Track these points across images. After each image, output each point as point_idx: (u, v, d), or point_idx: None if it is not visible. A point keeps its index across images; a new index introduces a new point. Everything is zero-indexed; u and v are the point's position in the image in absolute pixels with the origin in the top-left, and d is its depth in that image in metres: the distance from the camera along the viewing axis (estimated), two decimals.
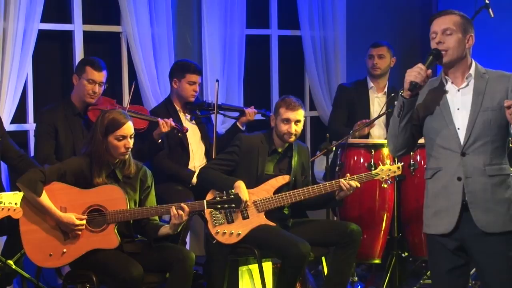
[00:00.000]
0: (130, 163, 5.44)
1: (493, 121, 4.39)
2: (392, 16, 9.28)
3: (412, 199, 6.85)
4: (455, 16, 4.45)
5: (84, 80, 6.36)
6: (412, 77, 4.33)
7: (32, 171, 5.27)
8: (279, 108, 6.09)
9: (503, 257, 4.42)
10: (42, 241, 5.23)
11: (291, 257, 5.88)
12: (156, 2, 7.46)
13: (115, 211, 5.28)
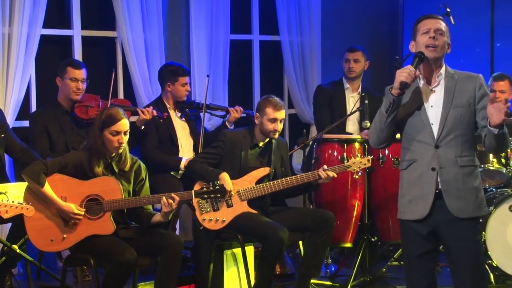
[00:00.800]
0: (126, 158, 5.44)
1: (463, 117, 4.42)
2: (363, 23, 9.28)
3: (380, 189, 6.88)
4: (443, 22, 4.51)
5: (67, 79, 6.37)
6: (403, 78, 4.34)
7: (36, 163, 5.26)
8: (266, 108, 6.10)
9: (472, 241, 4.46)
10: (44, 227, 5.21)
11: (271, 242, 5.89)
12: (148, 10, 7.45)
13: (111, 201, 5.28)
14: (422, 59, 4.42)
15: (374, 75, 8.73)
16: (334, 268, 7.14)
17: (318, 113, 7.68)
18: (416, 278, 4.57)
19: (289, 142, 7.47)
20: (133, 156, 5.57)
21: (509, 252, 6.65)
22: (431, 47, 4.42)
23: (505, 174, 7.00)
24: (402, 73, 4.36)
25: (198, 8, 7.85)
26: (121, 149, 5.38)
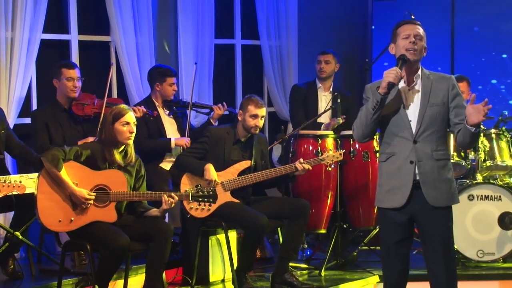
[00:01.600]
0: (130, 153, 5.44)
1: (438, 115, 4.47)
2: (335, 29, 9.29)
3: (352, 180, 6.91)
4: (421, 27, 4.54)
5: (64, 80, 6.36)
6: (391, 78, 4.35)
7: (55, 149, 5.25)
8: (248, 106, 6.10)
9: (445, 227, 4.52)
10: (54, 208, 5.20)
11: (252, 228, 5.91)
12: (140, 16, 7.44)
13: (118, 192, 5.28)
14: (406, 61, 4.44)
15: (345, 76, 8.75)
16: (309, 252, 7.15)
17: (293, 110, 7.70)
18: (393, 263, 4.61)
19: (268, 138, 7.48)
20: (136, 155, 5.57)
21: (468, 237, 6.70)
22: (411, 50, 4.45)
23: (464, 167, 7.04)
24: (390, 74, 4.37)
25: (185, 14, 7.84)
26: (131, 139, 5.38)
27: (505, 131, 7.06)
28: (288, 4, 8.68)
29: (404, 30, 4.50)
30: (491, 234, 6.73)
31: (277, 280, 6.14)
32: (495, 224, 6.72)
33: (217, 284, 6.38)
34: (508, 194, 6.74)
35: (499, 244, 6.73)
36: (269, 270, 6.45)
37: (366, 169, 6.92)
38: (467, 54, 9.07)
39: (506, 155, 6.97)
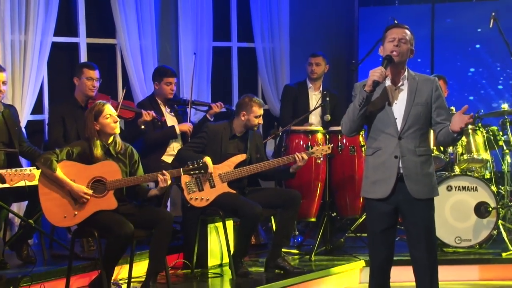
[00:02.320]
0: (118, 142, 5.43)
1: (422, 114, 4.47)
2: (325, 32, 9.27)
3: (339, 172, 6.91)
4: (408, 31, 4.52)
5: (84, 79, 6.35)
6: (376, 77, 4.34)
7: (47, 153, 5.22)
8: (252, 107, 6.10)
9: (427, 217, 4.53)
10: (57, 206, 5.19)
11: (248, 217, 5.90)
12: (143, 21, 7.43)
13: (113, 181, 5.27)
14: (391, 61, 4.43)
15: (333, 76, 8.74)
16: (300, 239, 7.15)
17: (283, 109, 7.71)
18: (378, 250, 4.62)
19: (263, 133, 7.48)
20: (125, 143, 5.56)
21: (446, 224, 6.71)
22: (395, 53, 4.44)
23: (443, 160, 7.05)
24: (375, 73, 4.36)
25: (185, 19, 7.83)
26: (117, 128, 5.36)
27: (481, 127, 7.08)
28: (281, 10, 8.67)
29: (391, 34, 4.49)
30: (468, 222, 6.74)
31: (270, 264, 6.14)
32: (472, 213, 6.73)
33: (215, 268, 6.38)
34: (483, 185, 6.74)
35: (475, 231, 6.74)
36: (263, 255, 6.45)
37: (352, 162, 6.93)
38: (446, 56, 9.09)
39: (481, 149, 6.99)
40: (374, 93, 4.45)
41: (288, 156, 6.11)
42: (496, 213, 6.72)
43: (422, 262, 4.54)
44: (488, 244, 6.83)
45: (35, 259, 5.96)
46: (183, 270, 6.29)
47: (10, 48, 6.44)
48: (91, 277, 5.55)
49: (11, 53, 6.45)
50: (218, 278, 6.17)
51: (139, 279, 5.74)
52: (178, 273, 6.24)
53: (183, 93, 7.65)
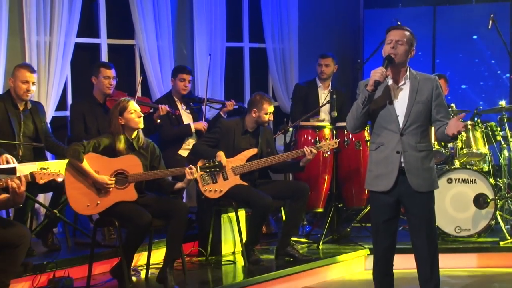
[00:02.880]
0: (141, 137, 5.44)
1: (423, 111, 4.46)
2: (332, 33, 9.27)
3: (345, 165, 6.92)
4: (407, 32, 4.49)
5: (101, 77, 6.38)
6: (377, 77, 4.33)
7: (76, 144, 5.24)
8: (263, 105, 6.10)
9: (428, 208, 4.53)
10: (81, 195, 5.22)
11: (259, 208, 5.91)
12: (160, 22, 7.43)
13: (135, 174, 5.28)
14: (391, 62, 4.42)
15: (340, 75, 8.72)
16: (308, 228, 7.16)
17: (293, 107, 7.70)
18: (381, 239, 4.62)
19: (273, 129, 7.49)
20: (147, 139, 5.57)
21: (446, 215, 6.71)
22: (392, 54, 4.43)
23: (444, 154, 7.04)
24: (376, 73, 4.35)
25: (200, 21, 7.83)
26: (141, 123, 5.37)
27: (480, 123, 7.08)
28: (290, 12, 8.67)
29: (389, 36, 4.48)
30: (467, 212, 6.73)
31: (280, 252, 6.15)
32: (471, 204, 6.72)
33: (228, 256, 6.39)
34: (482, 178, 6.73)
35: (474, 221, 6.73)
36: (274, 244, 6.46)
37: (358, 156, 6.93)
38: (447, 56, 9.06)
39: (480, 144, 6.97)
40: (377, 92, 4.44)
41: (297, 150, 6.11)
42: (494, 204, 6.71)
43: (423, 251, 4.54)
44: (487, 233, 6.82)
45: (60, 246, 6.01)
46: (198, 257, 6.31)
47: (36, 49, 6.46)
48: (112, 264, 5.55)
49: (37, 54, 6.47)
50: (231, 265, 6.18)
51: (157, 266, 5.77)
52: (193, 260, 6.26)
53: (198, 91, 7.65)
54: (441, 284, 4.65)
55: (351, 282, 6.24)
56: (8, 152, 5.57)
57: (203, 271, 6.01)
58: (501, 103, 7.22)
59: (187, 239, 6.21)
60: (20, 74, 5.74)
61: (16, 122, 5.77)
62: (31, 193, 5.46)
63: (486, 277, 6.33)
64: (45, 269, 5.48)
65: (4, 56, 6.25)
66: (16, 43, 6.44)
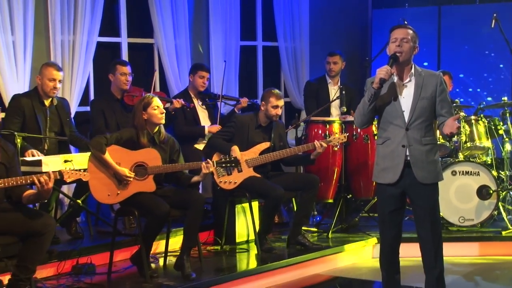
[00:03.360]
0: (162, 132, 5.44)
1: (427, 107, 4.43)
2: (341, 32, 9.26)
3: (354, 158, 6.91)
4: (410, 30, 4.46)
5: (118, 74, 6.40)
6: (382, 75, 4.31)
7: (99, 137, 5.26)
8: (270, 98, 6.08)
9: (432, 199, 4.51)
10: (103, 185, 5.23)
11: (271, 198, 5.92)
12: (178, 22, 7.44)
13: (154, 166, 5.29)
14: (396, 60, 4.40)
15: (348, 72, 8.71)
16: (319, 218, 7.16)
17: (307, 103, 7.68)
18: (387, 229, 4.60)
19: (285, 123, 7.48)
20: (168, 134, 5.58)
21: (450, 206, 6.70)
22: (398, 52, 4.41)
23: (449, 147, 7.02)
24: (381, 71, 4.33)
25: (215, 20, 7.83)
26: (163, 119, 5.38)
27: (483, 118, 7.05)
28: (301, 12, 8.66)
29: (393, 35, 4.46)
30: (470, 203, 6.72)
31: (292, 241, 6.16)
32: (474, 195, 6.70)
33: (242, 244, 6.40)
34: (485, 170, 6.71)
35: (477, 211, 6.71)
36: (285, 233, 6.46)
37: (366, 150, 6.91)
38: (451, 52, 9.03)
39: (483, 137, 6.95)
40: (384, 89, 4.43)
41: (308, 144, 6.11)
42: (497, 196, 6.69)
43: (427, 240, 4.53)
44: (489, 223, 6.81)
45: (83, 235, 6.04)
46: (214, 245, 6.33)
47: (60, 48, 6.48)
48: (132, 251, 5.58)
49: (61, 52, 6.49)
50: (245, 253, 6.19)
51: (175, 253, 5.79)
52: (209, 248, 6.27)
53: (214, 88, 7.66)
54: (445, 271, 4.63)
55: (359, 270, 6.24)
56: (34, 145, 5.61)
57: (218, 259, 6.03)
58: (503, 99, 7.20)
59: (203, 228, 6.23)
60: (47, 72, 5.77)
61: (43, 118, 5.81)
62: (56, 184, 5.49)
63: (488, 265, 6.32)
64: (69, 256, 5.51)
65: (30, 55, 6.27)
66: (41, 42, 6.47)
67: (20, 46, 6.19)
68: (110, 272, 5.42)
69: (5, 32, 6.08)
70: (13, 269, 4.51)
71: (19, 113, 5.70)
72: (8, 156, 4.62)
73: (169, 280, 5.27)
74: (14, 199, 4.59)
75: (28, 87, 6.22)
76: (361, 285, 5.89)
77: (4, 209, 4.54)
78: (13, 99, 5.80)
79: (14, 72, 6.16)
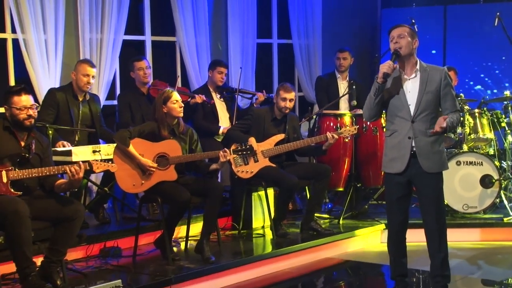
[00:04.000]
0: (181, 123, 5.45)
1: (432, 100, 4.43)
2: (352, 30, 9.22)
3: (363, 149, 6.90)
4: (406, 27, 4.48)
5: (136, 70, 6.45)
6: (385, 70, 4.34)
7: (123, 130, 5.29)
8: (279, 91, 6.10)
9: (436, 188, 4.52)
10: (128, 175, 5.25)
11: (286, 187, 5.93)
12: (198, 21, 7.44)
13: (175, 156, 5.31)
14: (398, 55, 4.40)
15: (359, 68, 8.69)
16: (330, 205, 7.16)
17: (318, 96, 7.66)
18: (395, 214, 4.62)
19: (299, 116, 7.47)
20: (186, 125, 5.60)
21: (455, 194, 6.67)
22: (397, 49, 4.41)
23: (453, 139, 6.98)
24: (384, 66, 4.35)
25: (234, 19, 7.82)
26: (181, 112, 5.39)
27: (486, 111, 7.01)
28: (314, 11, 8.62)
29: (391, 35, 4.48)
30: (474, 191, 6.69)
31: (305, 227, 6.17)
32: (478, 184, 6.67)
33: (258, 229, 6.42)
34: (488, 160, 6.68)
35: (480, 199, 6.69)
36: (299, 219, 6.47)
37: (375, 141, 6.89)
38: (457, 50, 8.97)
39: (486, 129, 6.91)
40: (391, 84, 4.43)
41: (320, 135, 6.10)
42: (499, 184, 6.65)
43: (432, 226, 4.53)
44: (492, 210, 6.78)
45: (110, 220, 6.08)
46: (232, 231, 6.36)
47: (88, 45, 6.51)
48: (156, 236, 5.61)
49: (90, 50, 6.52)
50: (261, 238, 6.21)
51: (195, 238, 5.82)
52: (227, 233, 6.30)
53: (232, 83, 7.66)
54: (449, 255, 4.64)
55: (368, 254, 6.25)
56: (66, 137, 5.67)
57: (235, 243, 6.06)
58: (505, 93, 7.16)
59: (222, 214, 6.26)
60: (82, 68, 5.82)
61: (76, 111, 5.85)
62: (85, 173, 5.53)
63: (490, 250, 6.30)
64: (97, 240, 5.56)
65: (61, 52, 6.31)
66: (71, 40, 6.50)
67: (52, 44, 6.22)
68: (135, 255, 5.46)
69: (38, 31, 6.12)
70: (46, 252, 4.56)
71: (54, 105, 5.76)
72: (42, 147, 4.67)
73: (190, 262, 5.29)
74: (47, 188, 4.64)
75: (59, 82, 6.26)
76: (370, 268, 5.89)
77: (38, 196, 4.60)
78: (48, 93, 5.86)
79: (46, 68, 6.21)
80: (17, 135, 4.54)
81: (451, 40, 8.96)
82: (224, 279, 5.28)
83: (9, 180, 4.42)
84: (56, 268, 4.55)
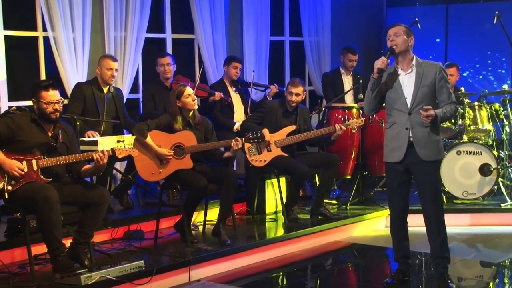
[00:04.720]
0: (196, 115, 5.45)
1: (427, 93, 4.42)
2: (359, 28, 9.18)
3: (369, 140, 6.87)
4: (402, 26, 4.47)
5: (159, 66, 6.46)
6: (379, 65, 4.35)
7: (141, 123, 5.31)
8: (288, 85, 6.12)
9: (433, 175, 4.51)
10: (147, 165, 5.27)
11: (297, 175, 5.94)
12: (215, 19, 7.42)
13: (190, 146, 5.32)
14: (392, 52, 4.40)
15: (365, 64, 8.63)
16: (338, 192, 7.16)
17: (325, 92, 7.60)
18: (396, 200, 4.63)
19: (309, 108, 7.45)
20: (202, 116, 5.59)
21: (455, 181, 6.66)
22: (393, 47, 4.40)
23: (454, 130, 6.95)
24: (378, 62, 4.37)
25: (248, 17, 7.81)
26: (195, 104, 5.39)
27: (485, 104, 6.97)
28: (324, 10, 8.59)
29: (388, 34, 4.47)
30: (473, 179, 6.66)
31: (314, 212, 6.18)
32: (477, 172, 6.65)
33: (271, 214, 6.44)
34: (486, 150, 6.65)
35: (479, 187, 6.66)
36: (309, 205, 6.47)
37: (380, 132, 6.84)
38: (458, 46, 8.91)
39: (485, 121, 6.87)
40: (389, 80, 4.44)
41: (329, 127, 6.09)
42: (497, 172, 6.63)
43: (429, 212, 4.53)
44: (490, 197, 6.74)
45: (133, 205, 6.12)
46: (246, 215, 6.37)
47: (113, 43, 6.53)
48: (175, 220, 5.64)
49: (114, 47, 6.54)
50: (273, 222, 6.23)
51: (212, 222, 5.82)
52: (242, 218, 6.32)
53: (246, 77, 7.65)
54: (449, 239, 4.63)
55: (373, 237, 6.25)
56: (93, 127, 5.71)
57: (250, 227, 6.07)
58: (504, 87, 7.12)
59: (237, 200, 6.27)
60: (105, 63, 5.85)
61: (101, 103, 5.88)
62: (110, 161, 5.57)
63: (488, 234, 6.28)
64: (121, 224, 5.60)
65: (88, 49, 6.33)
66: (97, 38, 6.52)
67: (79, 42, 6.25)
68: (157, 238, 5.50)
69: (67, 30, 6.15)
70: (74, 234, 4.61)
71: (81, 98, 5.79)
72: (68, 136, 4.70)
73: (208, 245, 5.32)
74: (74, 174, 4.68)
75: (86, 77, 6.29)
76: (375, 251, 5.90)
77: (66, 182, 4.64)
78: (76, 86, 5.89)
79: (74, 64, 6.24)
80: (44, 127, 4.57)
81: (452, 37, 8.89)
82: (239, 260, 5.31)
83: (39, 168, 4.46)
84: (84, 249, 4.60)
